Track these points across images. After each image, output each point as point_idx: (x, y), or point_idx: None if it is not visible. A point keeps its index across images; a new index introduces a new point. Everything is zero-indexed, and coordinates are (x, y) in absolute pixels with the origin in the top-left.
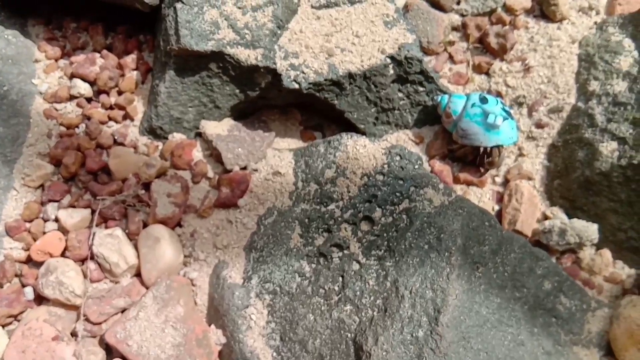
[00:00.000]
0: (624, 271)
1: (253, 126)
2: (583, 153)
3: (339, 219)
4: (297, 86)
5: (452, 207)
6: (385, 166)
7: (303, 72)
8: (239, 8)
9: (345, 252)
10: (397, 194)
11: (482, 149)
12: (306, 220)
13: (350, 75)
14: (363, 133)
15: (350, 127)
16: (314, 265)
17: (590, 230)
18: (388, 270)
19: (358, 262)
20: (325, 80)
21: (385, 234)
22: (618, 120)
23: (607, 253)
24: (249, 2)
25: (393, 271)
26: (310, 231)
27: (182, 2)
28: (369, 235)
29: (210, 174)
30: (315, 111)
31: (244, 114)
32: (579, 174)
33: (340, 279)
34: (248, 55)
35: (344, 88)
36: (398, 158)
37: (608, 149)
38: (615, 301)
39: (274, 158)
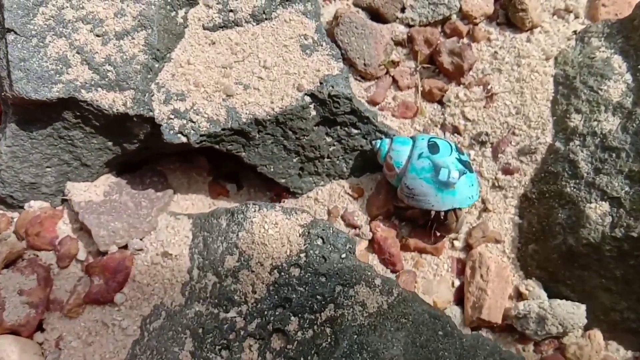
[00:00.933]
0: (619, 354)
1: (143, 182)
2: (564, 214)
3: (242, 331)
4: (184, 140)
5: (393, 315)
6: (303, 255)
7: (192, 121)
8: (97, 36)
9: None
10: (319, 296)
11: (434, 213)
12: (200, 330)
13: (258, 122)
14: (286, 188)
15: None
16: None
17: (576, 314)
18: None
19: None
20: (224, 130)
21: (302, 358)
22: (609, 172)
23: (597, 335)
24: (111, 27)
25: None
26: (205, 348)
27: (15, 33)
28: (281, 357)
29: (82, 254)
30: (228, 156)
31: (130, 165)
32: (560, 240)
33: None
34: (113, 101)
35: (252, 138)
36: (320, 242)
37: (597, 212)
38: None
39: (167, 230)
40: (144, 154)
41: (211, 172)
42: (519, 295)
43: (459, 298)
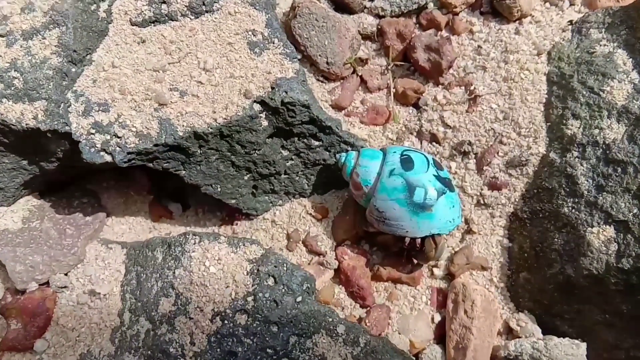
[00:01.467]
0: None
1: (70, 205)
2: (562, 238)
3: None
4: (108, 158)
5: None
6: (251, 299)
7: (117, 136)
8: (1, 36)
9: None
10: (269, 350)
11: (408, 240)
12: None
13: (198, 136)
14: (237, 209)
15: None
16: None
17: (576, 355)
18: None
19: None
20: (157, 145)
21: None
22: (614, 190)
23: None
24: (18, 25)
25: None
26: None
27: None
28: None
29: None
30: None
31: (57, 185)
32: (556, 270)
33: None
34: (21, 114)
35: (192, 154)
36: (271, 282)
37: (600, 237)
38: None
39: (96, 263)
40: (71, 171)
41: (152, 190)
42: (509, 332)
43: (440, 335)
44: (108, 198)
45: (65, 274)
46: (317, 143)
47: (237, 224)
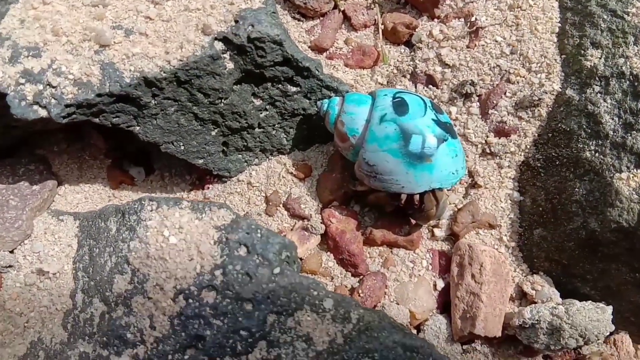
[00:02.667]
0: None
1: (14, 173)
2: (584, 188)
3: None
4: (43, 113)
5: (352, 353)
6: (219, 273)
7: (51, 86)
8: None
9: None
10: (243, 332)
11: (405, 197)
12: None
13: (150, 82)
14: (207, 171)
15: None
16: None
17: (602, 320)
18: None
19: None
20: (100, 95)
21: None
22: None
23: (626, 340)
24: None
25: None
26: None
27: None
28: None
29: None
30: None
31: (2, 151)
32: (578, 224)
33: None
34: None
35: (145, 105)
36: (243, 252)
37: (631, 184)
38: None
39: (45, 238)
40: (14, 133)
41: (110, 153)
42: (523, 296)
43: (444, 304)
44: (60, 164)
45: (11, 252)
46: (294, 89)
47: (208, 188)
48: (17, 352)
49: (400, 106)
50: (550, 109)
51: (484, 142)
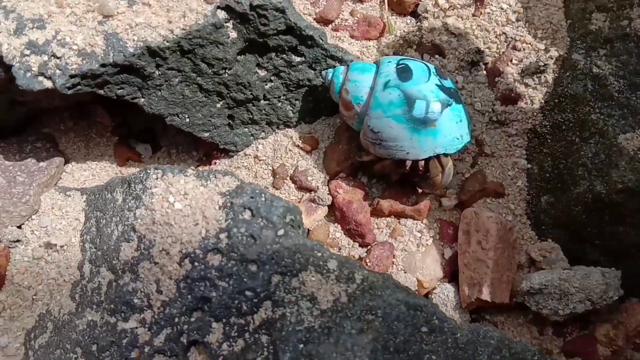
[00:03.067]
0: None
1: (21, 150)
2: (590, 150)
3: (147, 347)
4: (48, 84)
5: (356, 311)
6: (224, 236)
7: (56, 57)
8: None
9: None
10: (249, 292)
11: (410, 163)
12: (94, 347)
13: (153, 52)
14: (214, 146)
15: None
16: None
17: (610, 284)
18: None
19: None
20: (104, 66)
21: None
22: None
23: (637, 308)
24: None
25: None
26: None
27: None
28: None
29: None
30: (136, 106)
31: (8, 129)
32: (584, 187)
33: None
34: None
35: (149, 76)
36: (247, 215)
37: (635, 143)
38: None
39: (52, 213)
40: (20, 110)
41: (117, 130)
42: (532, 264)
43: (452, 272)
44: (67, 142)
45: (19, 227)
46: (298, 59)
47: (215, 164)
48: (25, 325)
49: (403, 72)
50: (556, 75)
51: (490, 110)
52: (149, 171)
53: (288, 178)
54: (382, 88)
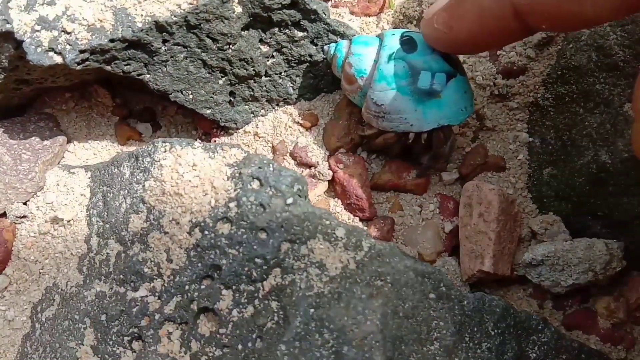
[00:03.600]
0: None
1: (25, 129)
2: (594, 120)
3: (157, 315)
4: (58, 59)
5: (365, 277)
6: (233, 205)
7: (66, 32)
8: None
9: None
10: (258, 259)
11: (413, 136)
12: (103, 317)
13: (161, 27)
14: (214, 124)
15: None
16: None
17: (612, 255)
18: None
19: None
20: (113, 41)
21: (241, 345)
22: None
23: (637, 281)
24: None
25: None
26: (110, 340)
27: None
28: (211, 346)
29: None
30: (136, 84)
31: (11, 110)
32: (588, 158)
33: None
34: None
35: (156, 51)
36: (256, 185)
37: None
38: None
39: (57, 189)
40: (25, 91)
41: (117, 110)
42: (533, 237)
43: (453, 246)
44: (68, 122)
45: (24, 203)
46: (301, 34)
47: (215, 142)
48: (32, 298)
49: (408, 44)
50: (559, 46)
51: (492, 84)
52: (156, 144)
53: (288, 154)
54: (387, 60)
